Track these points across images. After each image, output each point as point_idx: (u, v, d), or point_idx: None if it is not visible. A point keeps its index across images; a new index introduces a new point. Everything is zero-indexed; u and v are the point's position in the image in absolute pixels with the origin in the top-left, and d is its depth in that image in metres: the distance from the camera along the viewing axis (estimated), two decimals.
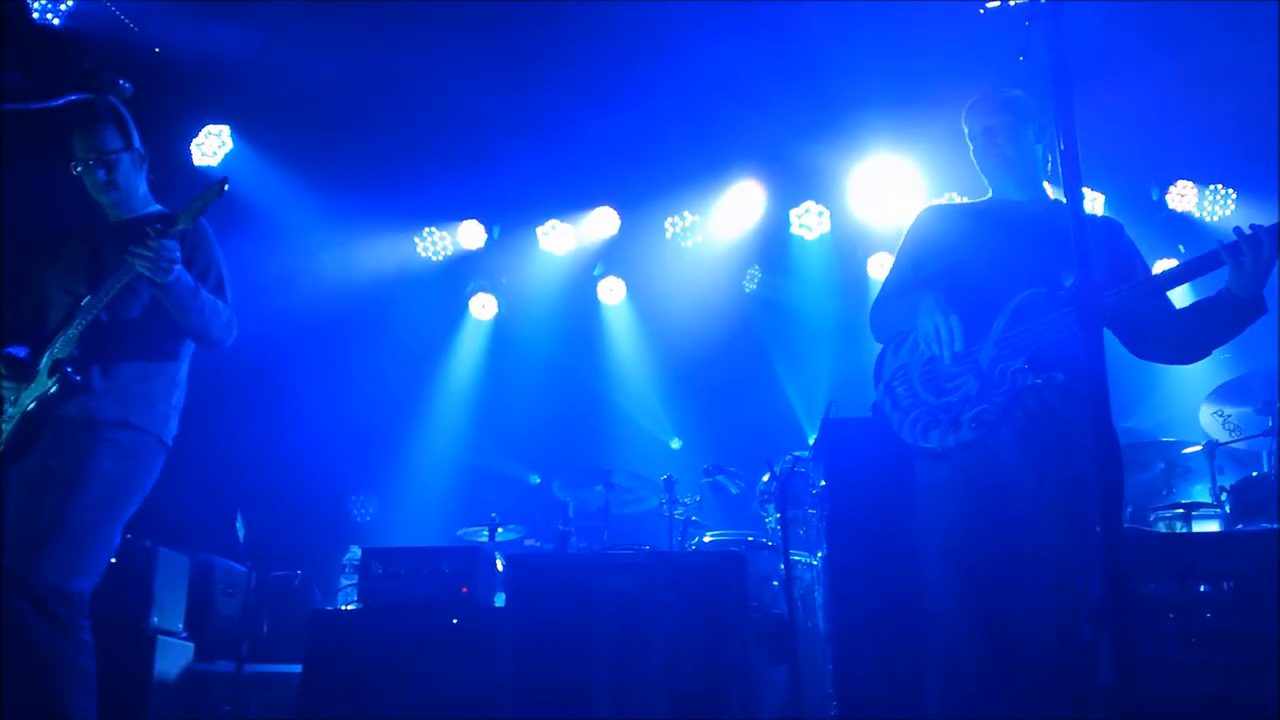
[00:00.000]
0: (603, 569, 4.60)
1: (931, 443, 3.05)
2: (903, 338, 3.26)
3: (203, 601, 5.81)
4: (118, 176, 3.77)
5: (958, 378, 3.07)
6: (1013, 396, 2.96)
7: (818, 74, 6.74)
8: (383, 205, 7.93)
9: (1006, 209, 3.32)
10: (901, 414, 3.15)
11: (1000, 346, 3.02)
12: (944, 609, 2.98)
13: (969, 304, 3.09)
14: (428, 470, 8.05)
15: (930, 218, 3.49)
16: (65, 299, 3.64)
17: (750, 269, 8.24)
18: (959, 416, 3.02)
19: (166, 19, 6.56)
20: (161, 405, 3.63)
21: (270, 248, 3.81)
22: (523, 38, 6.83)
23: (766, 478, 5.85)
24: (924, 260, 3.36)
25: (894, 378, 3.23)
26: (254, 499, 6.11)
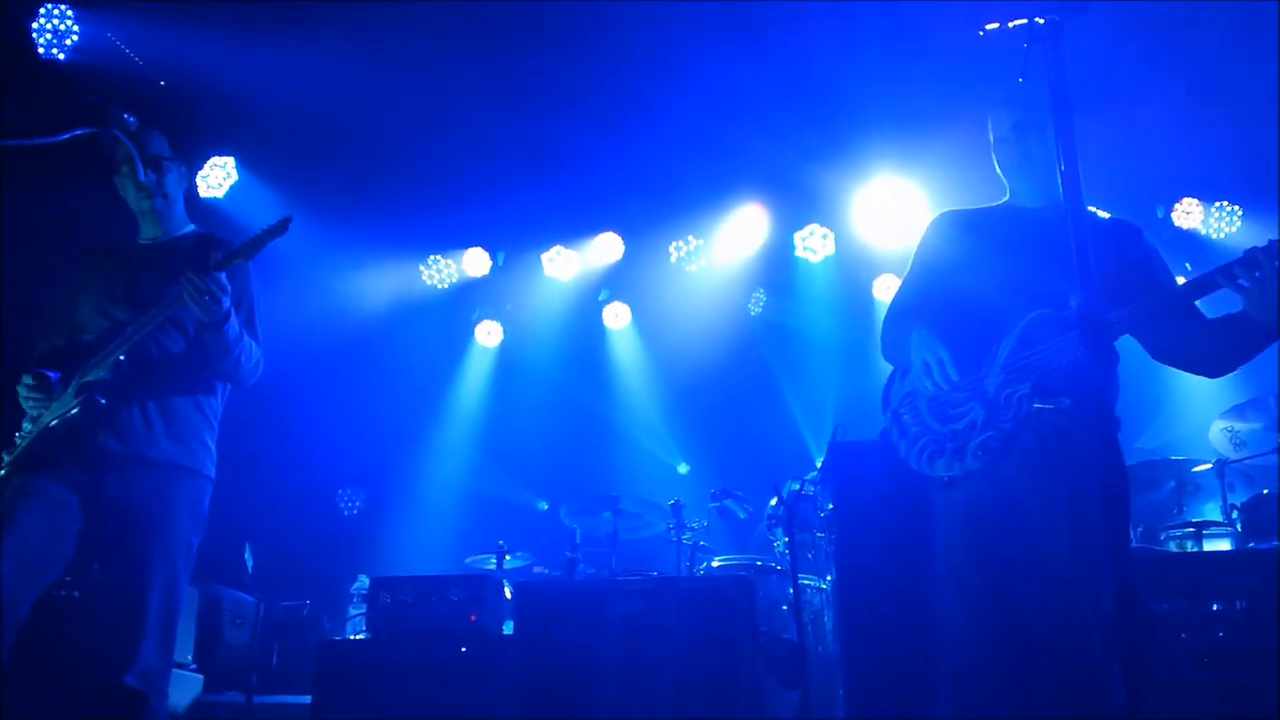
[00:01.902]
0: (611, 595, 4.59)
1: (938, 471, 3.03)
2: (908, 368, 3.24)
3: (211, 632, 5.81)
4: (166, 182, 3.70)
5: (964, 404, 3.05)
6: (1019, 423, 2.93)
7: (820, 97, 6.77)
8: (388, 234, 7.97)
9: (1018, 219, 3.27)
10: (909, 442, 3.14)
11: (1006, 371, 2.99)
12: (957, 631, 2.96)
13: (975, 328, 3.08)
14: (435, 498, 8.04)
15: (942, 228, 3.43)
16: (101, 322, 3.55)
17: (755, 292, 8.25)
18: (965, 445, 2.99)
19: (170, 52, 6.60)
20: (210, 443, 3.59)
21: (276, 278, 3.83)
22: (524, 66, 6.86)
23: (774, 501, 5.83)
24: (932, 278, 3.34)
25: (901, 405, 3.22)
26: (262, 529, 6.11)
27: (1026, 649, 2.85)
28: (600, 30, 6.60)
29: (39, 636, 4.14)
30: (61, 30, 6.44)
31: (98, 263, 3.73)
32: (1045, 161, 3.21)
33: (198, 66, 6.61)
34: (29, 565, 3.24)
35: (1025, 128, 3.22)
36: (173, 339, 3.53)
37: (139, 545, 3.32)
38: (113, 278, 3.65)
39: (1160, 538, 5.10)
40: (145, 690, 3.22)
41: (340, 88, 6.84)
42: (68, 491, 3.34)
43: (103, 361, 3.41)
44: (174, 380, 3.53)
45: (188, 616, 5.44)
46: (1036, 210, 3.27)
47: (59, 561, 3.34)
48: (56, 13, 6.44)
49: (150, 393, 3.46)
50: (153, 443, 3.42)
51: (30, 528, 3.26)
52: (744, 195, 7.94)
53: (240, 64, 6.57)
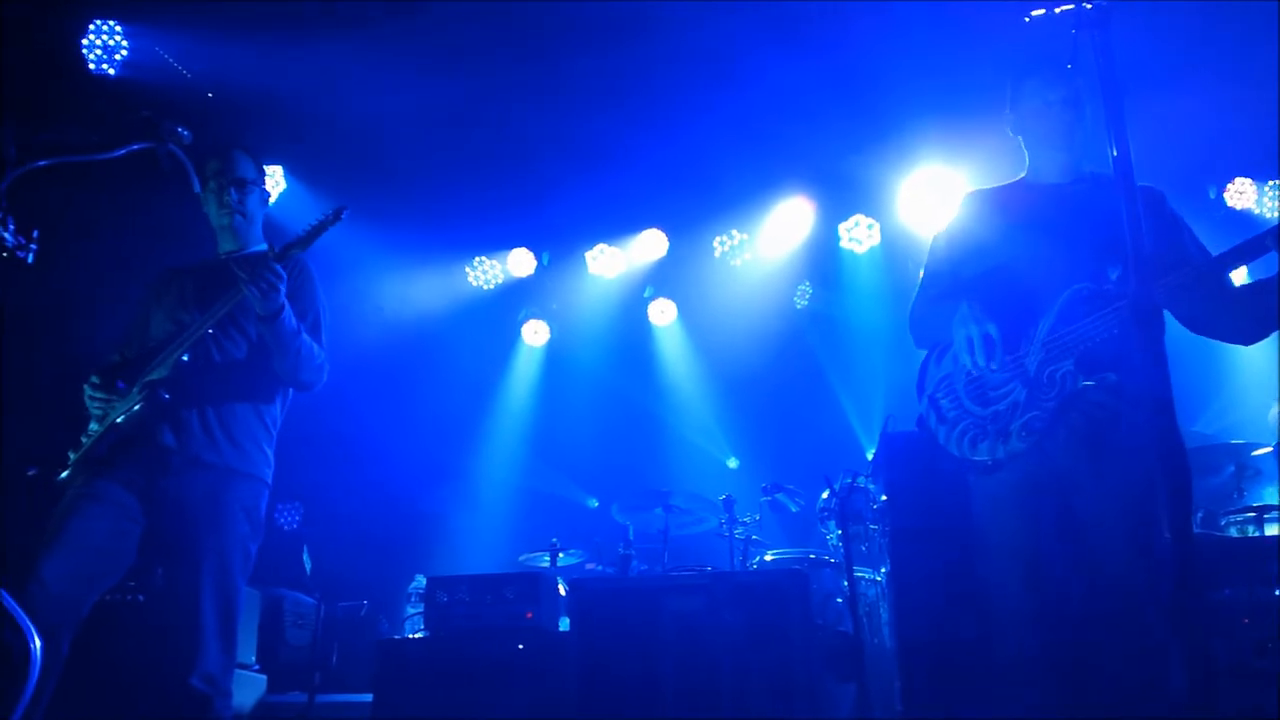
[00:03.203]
0: (665, 591, 4.60)
1: (981, 455, 2.98)
2: (944, 348, 3.20)
3: (274, 634, 5.90)
4: (248, 203, 3.79)
5: (1004, 385, 3.00)
6: (1063, 402, 2.88)
7: (863, 87, 6.72)
8: (433, 237, 8.04)
9: (1045, 195, 3.22)
10: (948, 427, 3.09)
11: (1048, 349, 2.94)
12: (1012, 620, 2.93)
13: (1012, 306, 3.03)
14: (488, 497, 8.12)
15: (970, 209, 3.37)
16: (169, 326, 3.62)
17: (801, 285, 8.23)
18: (1007, 426, 2.94)
19: (217, 64, 6.70)
20: (268, 450, 3.63)
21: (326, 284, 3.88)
22: (565, 66, 6.89)
23: (826, 494, 5.83)
24: (962, 258, 3.29)
25: (938, 389, 3.17)
26: (319, 532, 6.20)
27: (1082, 638, 2.82)
28: (641, 28, 6.60)
29: (106, 639, 4.25)
30: (111, 46, 6.54)
31: (172, 277, 3.83)
32: (1085, 137, 3.18)
33: (243, 77, 6.70)
34: (91, 564, 3.29)
35: (1075, 104, 3.16)
36: (235, 344, 3.60)
37: (194, 547, 3.37)
38: (185, 288, 3.74)
39: (1220, 523, 5.04)
40: (209, 691, 3.27)
41: (384, 93, 6.90)
42: (128, 494, 3.39)
43: (166, 360, 3.47)
44: (234, 385, 3.57)
45: (250, 618, 5.53)
46: (1062, 185, 3.22)
47: (120, 563, 3.39)
48: (106, 28, 6.55)
49: (210, 396, 3.51)
50: (210, 446, 3.47)
51: (92, 528, 3.31)
52: (787, 188, 7.91)
53: (284, 73, 6.65)
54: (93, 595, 3.32)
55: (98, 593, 3.34)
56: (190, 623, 3.29)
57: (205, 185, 3.76)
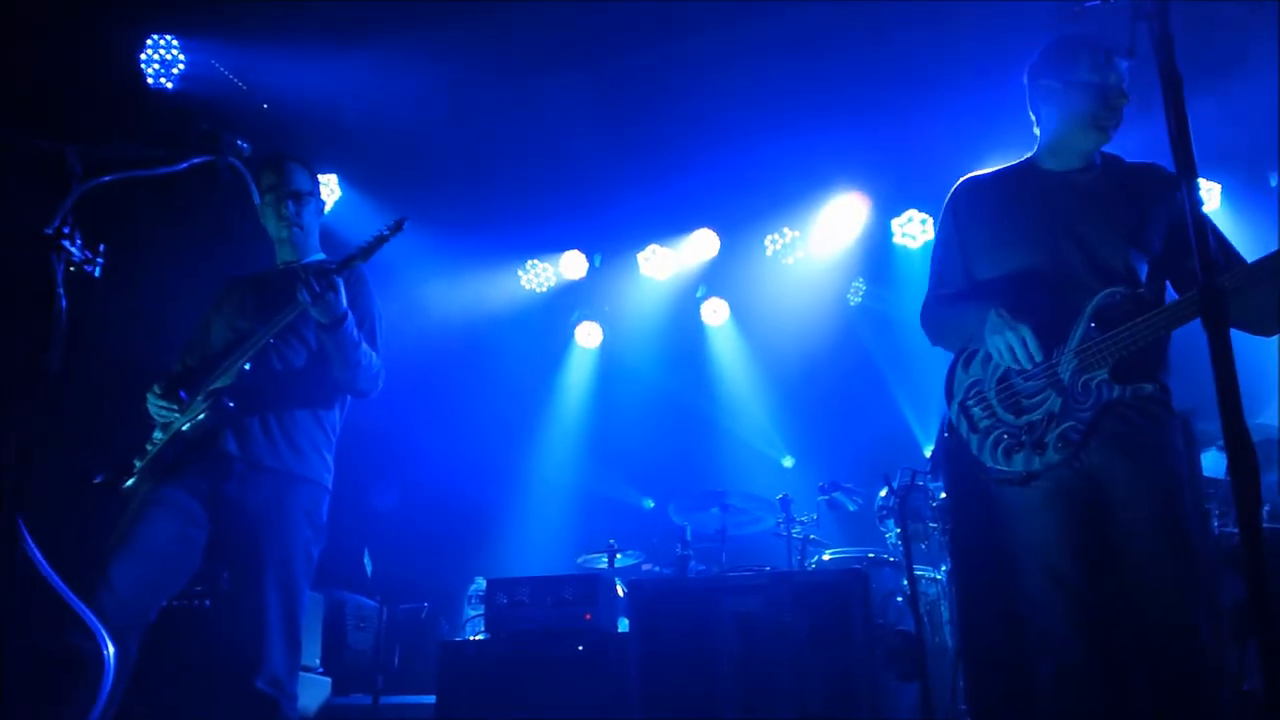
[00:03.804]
0: (724, 591, 4.61)
1: (1015, 466, 2.89)
2: (971, 354, 3.12)
3: (337, 637, 5.98)
4: (304, 214, 3.86)
5: (1038, 394, 2.91)
6: (1099, 412, 2.80)
7: (914, 76, 6.66)
8: (485, 241, 8.10)
9: (1061, 184, 3.12)
10: (980, 436, 3.00)
11: (1081, 356, 2.85)
12: (1054, 631, 2.85)
13: (1040, 309, 2.94)
14: (544, 499, 8.15)
15: (975, 197, 3.27)
16: (229, 335, 3.68)
17: (854, 281, 8.18)
18: (1043, 438, 2.86)
19: (272, 75, 6.79)
20: (327, 455, 3.68)
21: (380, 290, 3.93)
22: (614, 67, 6.91)
23: (884, 492, 5.79)
24: (976, 254, 3.20)
25: (968, 396, 3.08)
26: (379, 535, 6.27)
27: (1132, 649, 2.75)
28: (689, 26, 6.60)
29: (173, 643, 4.32)
30: (168, 60, 6.66)
31: (232, 286, 3.91)
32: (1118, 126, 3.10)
33: (298, 88, 6.80)
34: (158, 569, 3.35)
35: (1119, 94, 3.06)
36: (295, 352, 3.65)
37: (257, 552, 3.42)
38: (245, 297, 3.81)
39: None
40: (275, 694, 3.32)
41: (436, 99, 6.98)
42: (193, 500, 3.45)
43: (229, 369, 3.53)
44: (295, 393, 3.63)
45: (314, 621, 5.60)
46: (1074, 171, 3.13)
47: (186, 568, 3.45)
48: (163, 43, 6.67)
49: (271, 404, 3.57)
50: (271, 451, 3.53)
51: (159, 534, 3.37)
52: (838, 184, 7.87)
53: (337, 82, 6.74)
54: (160, 600, 3.39)
55: (165, 597, 3.41)
56: (256, 626, 3.34)
57: (262, 198, 3.81)
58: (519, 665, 4.80)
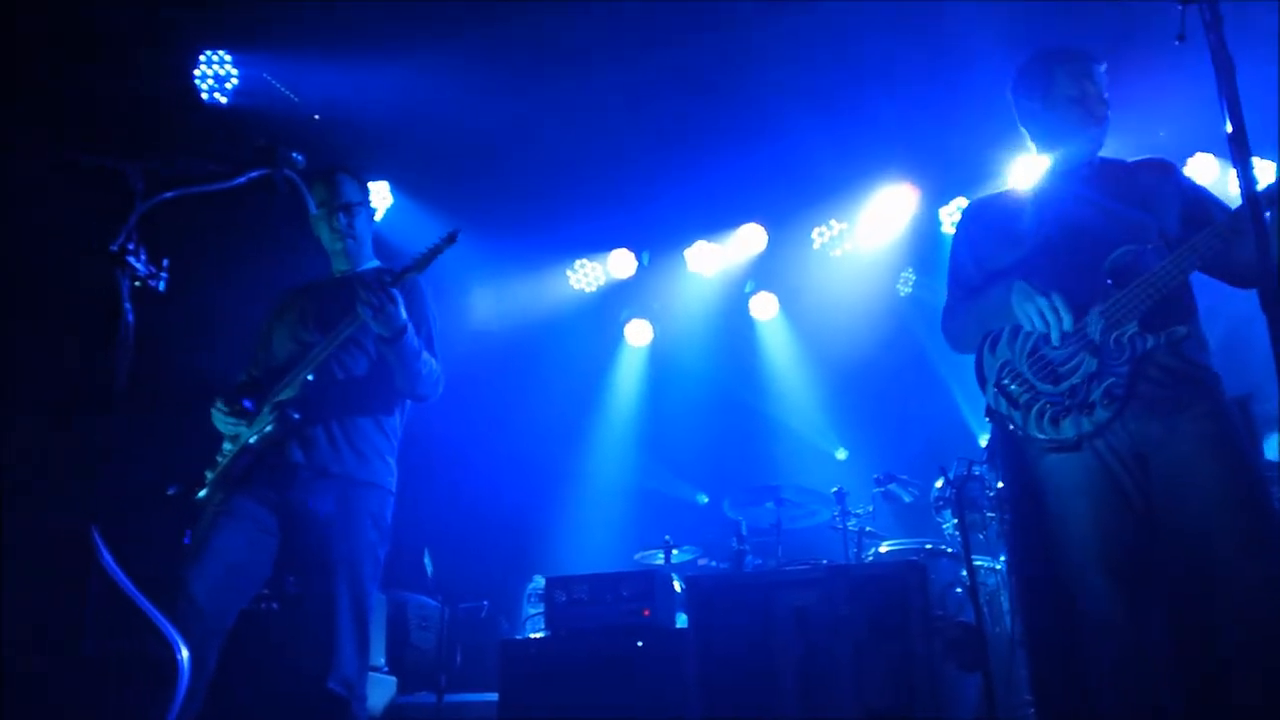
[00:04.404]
0: (781, 585, 4.61)
1: (1066, 432, 2.89)
2: (996, 335, 3.12)
3: (400, 636, 6.07)
4: (356, 225, 3.93)
5: (1072, 359, 2.92)
6: (1136, 364, 2.82)
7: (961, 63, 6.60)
8: (534, 242, 8.15)
9: (1065, 179, 3.20)
10: (1023, 411, 2.99)
11: (1108, 315, 2.88)
12: (1110, 617, 2.84)
13: (1059, 279, 2.97)
14: (599, 496, 8.20)
15: (985, 211, 3.38)
16: (292, 346, 3.76)
17: (904, 272, 8.14)
18: (1088, 398, 2.86)
19: (322, 85, 6.89)
20: (390, 459, 3.75)
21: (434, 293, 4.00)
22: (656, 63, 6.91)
23: (940, 483, 5.77)
24: (990, 254, 3.25)
25: (1001, 376, 3.07)
26: (438, 535, 6.35)
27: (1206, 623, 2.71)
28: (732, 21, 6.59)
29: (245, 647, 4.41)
30: (222, 75, 6.77)
31: (292, 298, 3.99)
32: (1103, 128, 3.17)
33: (346, 97, 6.88)
34: (234, 577, 3.44)
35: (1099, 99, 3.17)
36: (356, 360, 3.72)
37: (326, 556, 3.49)
38: (304, 309, 3.88)
39: None
40: (346, 695, 3.39)
41: (480, 103, 7.02)
42: (263, 508, 3.53)
43: (293, 381, 3.61)
44: (357, 400, 3.70)
45: (378, 622, 5.68)
46: (1077, 169, 3.19)
47: (259, 574, 3.54)
48: (216, 58, 6.78)
49: (335, 411, 3.65)
50: (336, 458, 3.60)
51: (234, 542, 3.46)
52: (885, 174, 7.82)
53: (384, 91, 6.80)
54: (236, 607, 3.47)
55: (241, 605, 3.50)
56: (326, 629, 3.42)
57: (316, 210, 3.89)
58: (579, 662, 4.84)
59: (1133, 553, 2.83)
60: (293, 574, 4.02)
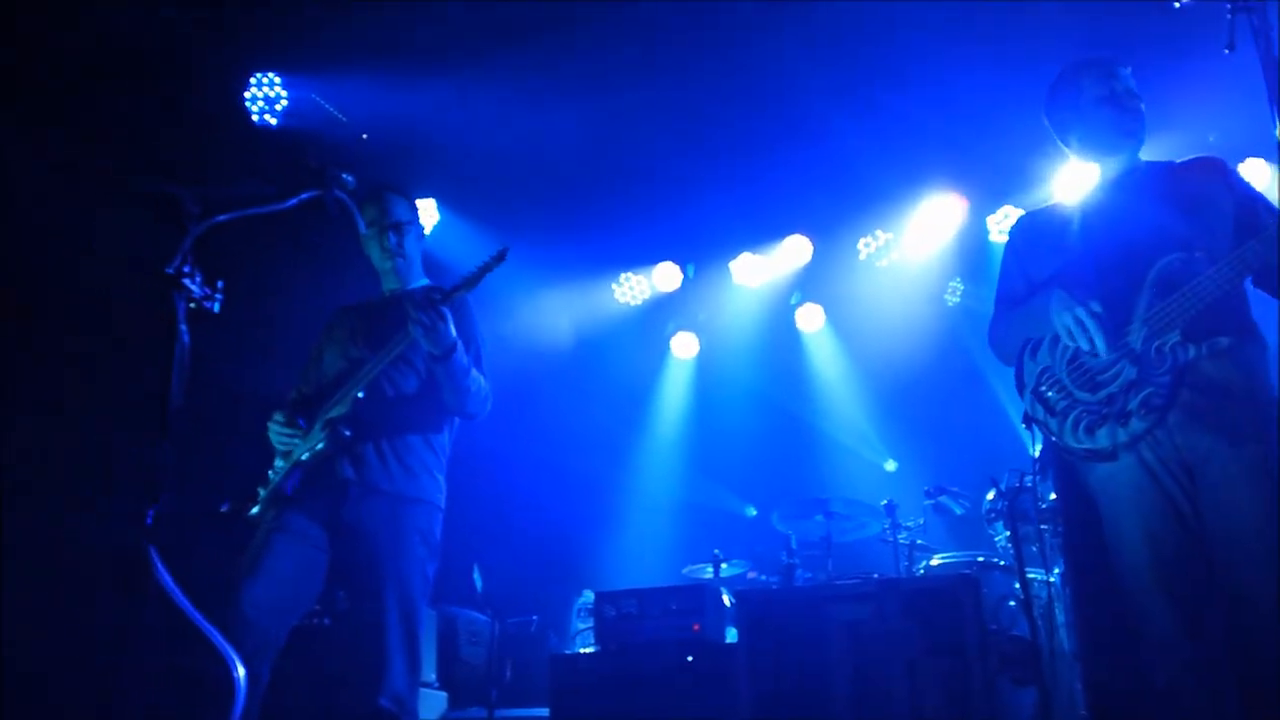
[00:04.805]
0: (832, 599, 4.57)
1: (1101, 442, 2.85)
2: (1037, 341, 3.10)
3: (451, 651, 6.09)
4: (405, 244, 3.96)
5: (1112, 367, 2.87)
6: (1177, 374, 2.77)
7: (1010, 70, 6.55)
8: (579, 256, 8.18)
9: (1108, 188, 3.17)
10: (1059, 418, 2.96)
11: (1149, 324, 2.83)
12: (1163, 634, 2.78)
13: (1102, 288, 2.93)
14: (647, 510, 8.20)
15: (1032, 223, 3.37)
16: (342, 364, 3.80)
17: (952, 281, 8.08)
18: (1125, 407, 2.81)
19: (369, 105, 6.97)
20: (439, 476, 3.77)
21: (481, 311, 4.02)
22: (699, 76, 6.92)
23: (992, 495, 5.71)
24: (1035, 265, 3.24)
25: (1040, 383, 3.05)
26: (488, 551, 6.37)
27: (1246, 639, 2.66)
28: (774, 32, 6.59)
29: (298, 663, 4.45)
30: (271, 97, 6.87)
31: (342, 317, 4.03)
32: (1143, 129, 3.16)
33: (393, 116, 6.96)
34: (286, 593, 3.47)
35: (1135, 96, 3.15)
36: (406, 378, 3.75)
37: (376, 572, 3.50)
38: (355, 327, 3.92)
39: None
40: (397, 711, 3.39)
41: (525, 119, 7.07)
42: (314, 525, 3.56)
43: (344, 398, 3.64)
44: (406, 417, 3.73)
45: (429, 637, 5.71)
46: (1121, 176, 3.16)
47: (311, 590, 3.57)
48: (266, 80, 6.88)
49: (384, 429, 3.67)
50: (386, 475, 3.62)
51: (286, 558, 3.49)
52: (931, 184, 7.78)
53: (429, 109, 6.87)
54: (289, 623, 3.50)
55: (292, 621, 3.53)
56: (377, 645, 3.43)
57: (366, 230, 3.92)
58: (629, 677, 4.84)
59: (1187, 567, 2.78)
60: (344, 590, 4.04)
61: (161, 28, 5.99)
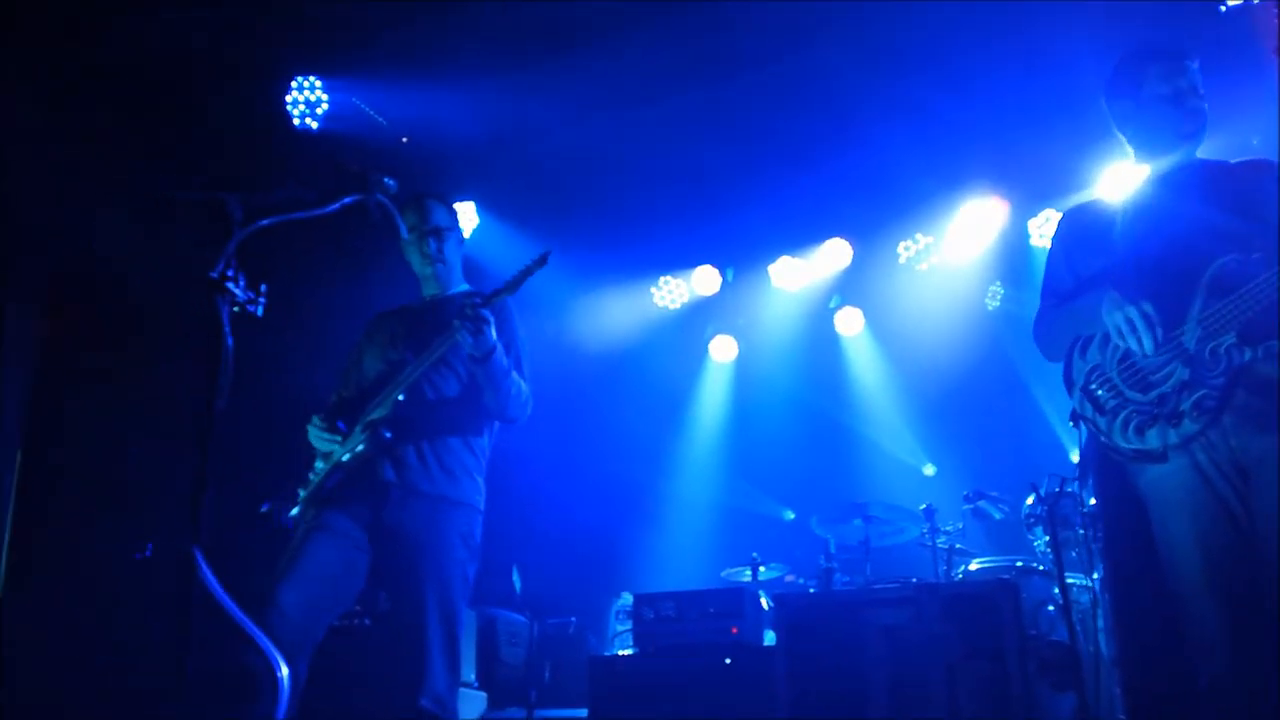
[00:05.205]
0: (871, 603, 4.58)
1: (1151, 443, 2.82)
2: (1087, 339, 3.06)
3: (490, 652, 6.12)
4: (445, 250, 4.00)
5: (1164, 367, 2.84)
6: (1231, 377, 2.72)
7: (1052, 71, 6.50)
8: (619, 260, 8.20)
9: (1158, 184, 3.14)
10: (1109, 417, 2.93)
11: (1204, 325, 2.79)
12: (1209, 638, 2.75)
13: (1154, 288, 2.88)
14: (686, 513, 8.21)
15: (1079, 218, 3.32)
16: (382, 367, 3.84)
17: (992, 285, 8.02)
18: (1176, 408, 2.78)
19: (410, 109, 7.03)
20: (478, 478, 3.80)
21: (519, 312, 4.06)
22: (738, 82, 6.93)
23: (1031, 500, 5.67)
24: (1083, 260, 3.19)
25: (1090, 381, 3.01)
26: (527, 552, 6.41)
27: None
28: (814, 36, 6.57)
29: (339, 662, 4.51)
30: (312, 101, 6.95)
31: (382, 321, 4.08)
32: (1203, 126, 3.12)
33: (432, 120, 7.01)
34: (325, 592, 3.50)
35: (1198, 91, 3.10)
36: (446, 381, 3.78)
37: (416, 573, 3.53)
38: (395, 330, 3.96)
39: None
40: (438, 711, 3.41)
41: (563, 123, 7.11)
42: (355, 526, 3.59)
43: (384, 401, 3.67)
44: (446, 420, 3.76)
45: (468, 638, 5.75)
46: (1172, 172, 3.13)
47: (350, 590, 3.60)
48: (307, 84, 6.96)
49: (425, 431, 3.70)
50: (426, 477, 3.65)
51: (325, 558, 3.52)
52: (972, 187, 7.73)
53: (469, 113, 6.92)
54: (327, 621, 3.53)
55: (330, 619, 3.56)
56: (417, 646, 3.46)
57: (407, 236, 3.95)
58: (668, 679, 4.86)
59: (1238, 570, 2.74)
60: (384, 590, 4.08)
61: (202, 32, 6.08)
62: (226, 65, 6.34)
